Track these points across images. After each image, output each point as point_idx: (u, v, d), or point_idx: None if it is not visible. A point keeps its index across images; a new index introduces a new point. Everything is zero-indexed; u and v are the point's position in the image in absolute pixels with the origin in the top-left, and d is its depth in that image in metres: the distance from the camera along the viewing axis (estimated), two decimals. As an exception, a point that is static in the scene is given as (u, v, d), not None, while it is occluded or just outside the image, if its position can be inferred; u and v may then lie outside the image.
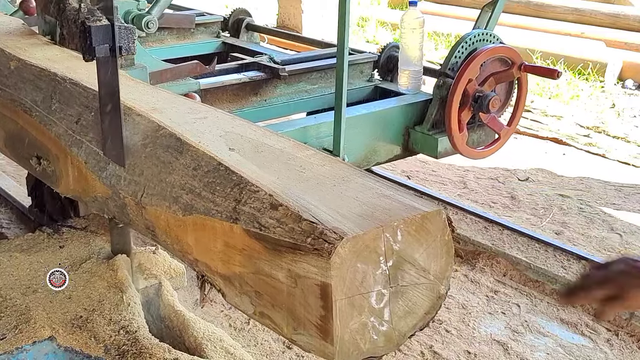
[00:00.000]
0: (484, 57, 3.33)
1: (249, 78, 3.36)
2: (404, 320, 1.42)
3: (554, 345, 2.88)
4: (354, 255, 1.30)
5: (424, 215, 1.39)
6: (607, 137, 5.22)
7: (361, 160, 3.33)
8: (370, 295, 1.35)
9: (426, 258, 1.41)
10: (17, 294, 1.93)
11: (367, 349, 1.38)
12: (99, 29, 1.73)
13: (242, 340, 2.78)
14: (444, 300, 1.48)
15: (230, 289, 1.51)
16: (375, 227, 1.32)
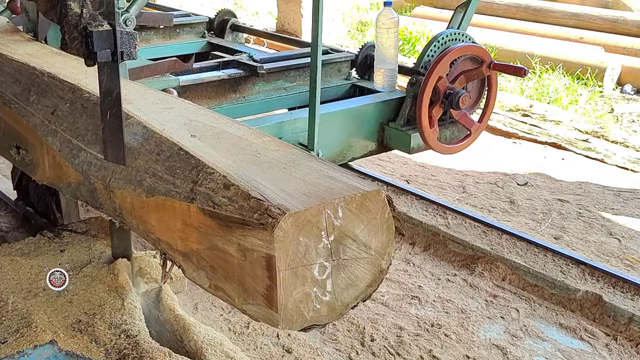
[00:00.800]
0: (454, 55, 3.43)
1: (228, 75, 3.49)
2: (346, 292, 1.53)
3: (552, 349, 2.89)
4: (296, 229, 1.40)
5: (364, 194, 1.49)
6: (605, 142, 5.23)
7: (336, 156, 3.44)
8: (312, 267, 1.46)
9: (367, 234, 1.52)
10: (19, 298, 1.94)
11: (311, 317, 1.49)
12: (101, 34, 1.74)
13: (241, 345, 2.78)
14: (385, 274, 1.59)
15: (188, 264, 1.62)
16: (317, 204, 1.43)
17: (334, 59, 3.86)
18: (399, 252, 3.59)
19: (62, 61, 2.28)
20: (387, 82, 3.68)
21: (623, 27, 7.38)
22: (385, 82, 3.68)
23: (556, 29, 7.71)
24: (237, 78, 3.53)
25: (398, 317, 3.06)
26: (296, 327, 1.49)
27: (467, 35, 3.60)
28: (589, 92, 6.36)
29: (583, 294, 3.15)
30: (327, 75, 3.77)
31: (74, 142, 1.89)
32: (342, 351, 2.83)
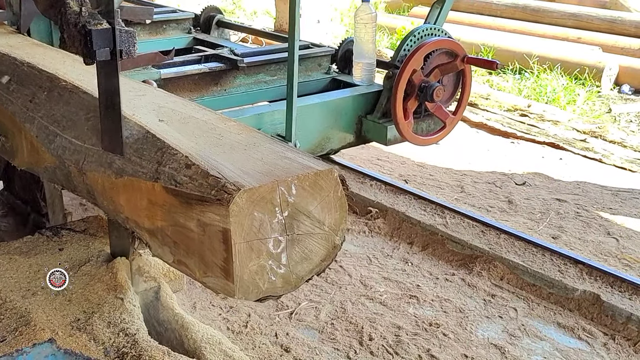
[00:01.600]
0: (428, 49, 3.51)
1: (209, 69, 3.59)
2: (300, 265, 1.62)
3: (550, 349, 2.89)
4: (250, 204, 1.49)
5: (317, 172, 1.59)
6: (603, 142, 5.24)
7: (315, 147, 3.54)
8: (267, 241, 1.55)
9: (320, 211, 1.62)
10: (17, 297, 1.93)
11: (266, 288, 1.58)
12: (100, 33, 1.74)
13: (240, 344, 2.78)
14: (339, 250, 1.68)
15: (154, 241, 1.72)
16: (271, 182, 1.53)
17: (314, 53, 3.96)
18: (397, 252, 3.59)
19: (42, 52, 2.42)
20: (365, 76, 3.78)
21: (621, 27, 7.39)
22: (363, 76, 3.78)
23: (554, 29, 7.73)
24: (219, 71, 3.62)
25: (396, 316, 3.06)
26: (252, 298, 1.57)
27: (442, 30, 3.71)
28: (587, 92, 6.37)
29: (581, 293, 3.15)
30: (307, 70, 3.89)
31: (50, 128, 1.98)
32: (341, 350, 2.83)
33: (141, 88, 2.14)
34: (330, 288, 3.25)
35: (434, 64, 3.59)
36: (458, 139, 5.38)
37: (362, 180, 4.22)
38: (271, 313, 3.04)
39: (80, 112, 1.95)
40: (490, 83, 6.77)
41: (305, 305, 3.11)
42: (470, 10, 8.71)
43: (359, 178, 4.24)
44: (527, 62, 6.95)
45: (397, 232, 3.77)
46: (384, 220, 3.85)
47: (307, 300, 3.15)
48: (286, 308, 3.08)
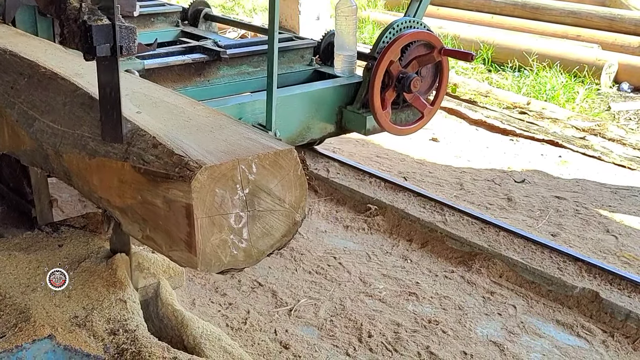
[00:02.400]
0: (405, 41, 3.62)
1: (192, 60, 3.68)
2: (262, 240, 1.71)
3: (549, 346, 2.89)
4: (212, 181, 1.58)
5: (276, 152, 1.68)
6: (603, 140, 5.24)
7: (296, 136, 3.65)
8: (229, 216, 1.63)
9: (281, 189, 1.70)
10: (17, 293, 1.93)
11: (228, 261, 1.66)
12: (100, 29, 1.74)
13: (239, 340, 2.78)
14: (299, 226, 1.77)
15: (125, 218, 1.81)
16: (232, 160, 1.62)
17: (296, 45, 4.08)
18: (397, 249, 3.59)
19: (25, 41, 2.51)
20: (346, 68, 3.89)
21: (620, 25, 7.39)
22: (344, 68, 3.90)
23: (554, 26, 7.73)
24: (202, 62, 3.71)
25: (395, 313, 3.06)
26: (214, 270, 1.65)
27: (422, 23, 3.80)
28: (586, 89, 6.36)
29: (580, 291, 3.15)
30: (290, 62, 4.03)
31: (29, 112, 2.07)
32: (340, 347, 2.83)
33: None
34: (330, 285, 3.25)
35: (412, 56, 3.69)
36: (457, 137, 5.39)
37: (362, 177, 4.22)
38: (270, 310, 3.04)
39: (58, 97, 2.04)
40: (490, 81, 6.77)
41: (305, 302, 3.11)
42: (470, 8, 8.70)
43: (358, 175, 4.24)
44: (526, 60, 6.94)
45: (397, 229, 3.77)
46: (383, 218, 3.84)
47: (306, 297, 3.15)
48: (285, 305, 3.08)
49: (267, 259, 3.43)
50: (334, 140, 5.08)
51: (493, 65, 7.24)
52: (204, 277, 3.24)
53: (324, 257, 3.48)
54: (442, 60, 3.77)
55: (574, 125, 5.48)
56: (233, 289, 3.18)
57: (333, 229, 3.79)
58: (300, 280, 3.28)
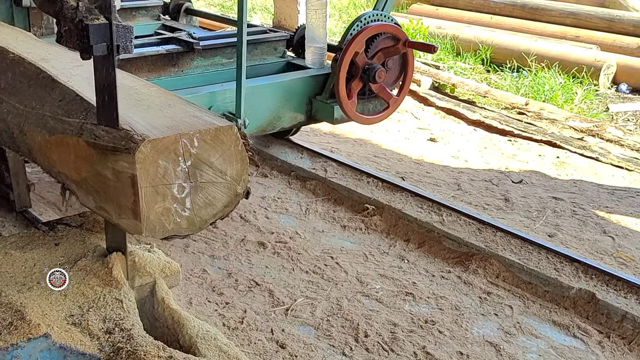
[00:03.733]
0: (369, 32, 3.75)
1: (166, 50, 3.80)
2: (204, 210, 1.84)
3: (546, 346, 2.89)
4: (155, 153, 1.72)
5: (217, 128, 1.82)
6: (601, 141, 5.24)
7: (266, 125, 3.81)
8: (172, 186, 1.77)
9: (222, 162, 1.83)
10: (12, 291, 1.93)
11: (172, 228, 1.81)
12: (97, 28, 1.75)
13: (235, 340, 2.78)
14: (241, 198, 1.90)
15: (80, 191, 1.97)
16: (174, 134, 1.76)
17: (269, 38, 4.21)
18: (394, 249, 3.59)
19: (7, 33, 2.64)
20: (316, 59, 4.04)
21: (619, 26, 7.39)
22: (314, 59, 4.04)
23: (553, 27, 7.72)
24: (176, 53, 3.83)
25: (392, 313, 3.06)
26: (158, 236, 1.79)
27: (389, 16, 3.92)
28: (584, 90, 6.36)
29: (576, 291, 3.15)
30: (263, 54, 4.17)
31: None
32: (336, 347, 2.83)
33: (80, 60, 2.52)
34: (327, 285, 3.25)
35: (378, 48, 3.82)
36: (455, 137, 5.39)
37: (359, 177, 4.22)
38: (267, 309, 3.04)
39: (23, 80, 2.18)
40: (489, 81, 6.77)
41: (301, 302, 3.11)
42: (469, 8, 8.70)
43: (355, 175, 4.24)
44: (525, 60, 6.94)
45: (394, 230, 3.77)
46: (381, 218, 3.85)
47: (303, 296, 3.15)
48: (282, 304, 3.08)
49: (264, 259, 3.45)
50: (332, 140, 5.09)
51: (492, 65, 7.24)
52: (200, 276, 3.25)
53: (321, 257, 3.48)
54: (407, 52, 3.92)
55: (572, 126, 5.48)
56: (230, 288, 3.18)
57: (330, 228, 3.79)
58: (297, 279, 3.28)
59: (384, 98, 3.91)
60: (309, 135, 4.89)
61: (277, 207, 3.99)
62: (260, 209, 3.95)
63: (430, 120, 5.78)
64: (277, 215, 3.90)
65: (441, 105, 6.05)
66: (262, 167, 4.49)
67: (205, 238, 3.58)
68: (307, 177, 4.29)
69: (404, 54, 3.93)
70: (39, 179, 3.86)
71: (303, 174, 4.33)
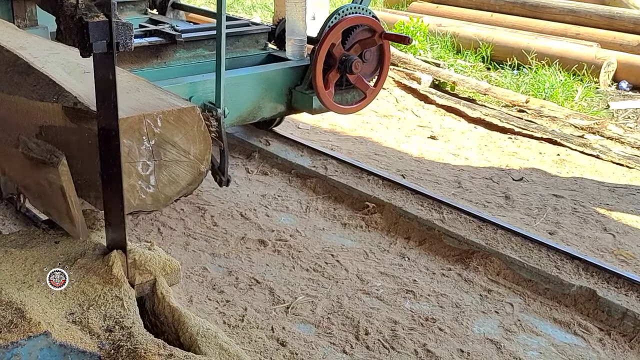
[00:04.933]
0: (345, 24, 3.84)
1: (149, 42, 3.87)
2: (168, 187, 1.94)
3: (546, 344, 2.89)
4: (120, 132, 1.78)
5: (180, 109, 1.90)
6: (601, 138, 5.23)
7: (247, 115, 3.90)
8: (136, 164, 1.85)
9: (186, 142, 1.92)
10: (12, 289, 1.93)
11: (137, 204, 1.90)
12: (97, 25, 1.75)
13: (236, 338, 2.78)
14: (204, 176, 1.99)
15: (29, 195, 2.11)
16: (138, 115, 1.85)
17: (251, 30, 4.28)
18: (394, 247, 3.59)
19: None
20: (297, 52, 4.14)
21: (620, 23, 7.38)
22: (294, 52, 4.14)
23: (553, 25, 7.71)
24: (159, 45, 3.90)
25: (393, 311, 3.06)
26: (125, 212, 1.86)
27: (366, 9, 4.02)
28: (585, 88, 6.36)
29: (577, 289, 3.15)
30: (245, 46, 4.26)
31: None
32: (337, 345, 2.83)
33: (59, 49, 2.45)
34: (327, 282, 3.25)
35: (355, 40, 3.91)
36: (456, 135, 5.38)
37: (360, 175, 4.22)
38: (267, 307, 3.04)
39: (1, 66, 2.24)
40: (489, 79, 6.77)
41: (302, 300, 3.11)
42: (469, 6, 8.69)
43: (356, 173, 4.24)
44: (525, 58, 6.94)
45: (394, 227, 3.76)
46: (381, 215, 3.84)
47: (303, 294, 3.15)
48: (282, 302, 3.08)
49: (264, 257, 3.45)
50: (332, 138, 5.09)
51: (492, 63, 7.24)
52: (201, 274, 3.25)
53: (321, 255, 3.48)
54: (383, 44, 4.00)
55: (573, 123, 5.47)
56: (230, 286, 3.18)
57: (331, 226, 3.79)
58: (298, 277, 3.28)
59: (361, 89, 4.01)
60: (309, 133, 4.88)
61: (278, 205, 3.99)
62: (260, 207, 3.95)
63: (431, 118, 5.77)
64: (277, 213, 3.90)
65: (441, 103, 6.04)
66: (263, 165, 4.49)
67: (206, 236, 3.58)
68: (308, 175, 4.29)
69: (380, 46, 4.01)
70: None
71: (303, 172, 4.32)
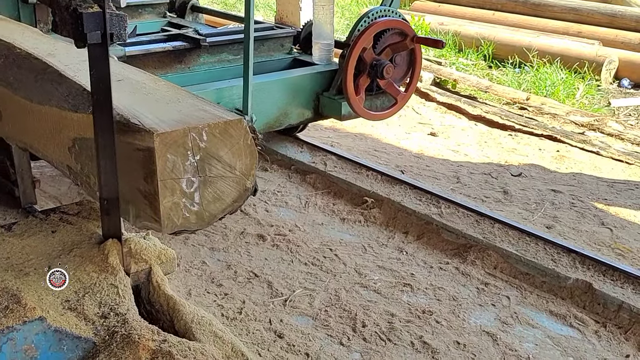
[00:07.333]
0: (377, 28, 3.75)
1: (173, 47, 3.78)
2: (213, 204, 1.83)
3: (542, 336, 2.91)
4: (164, 147, 1.69)
5: (226, 121, 1.78)
6: (601, 135, 5.24)
7: (274, 121, 3.79)
8: (180, 181, 1.74)
9: (231, 156, 1.81)
10: (9, 277, 1.96)
11: (181, 223, 1.79)
12: (91, 16, 1.78)
13: (233, 330, 2.80)
14: (250, 192, 1.91)
15: None
16: (183, 128, 1.73)
17: (276, 34, 4.20)
18: (392, 241, 3.61)
19: (3, 25, 2.65)
20: (324, 56, 4.03)
21: (621, 21, 7.39)
22: (322, 56, 4.02)
23: (555, 23, 7.73)
24: (182, 50, 3.81)
25: (390, 304, 3.08)
26: (167, 231, 1.77)
27: (396, 12, 3.92)
28: (586, 86, 6.37)
29: (573, 282, 3.16)
30: (270, 50, 4.17)
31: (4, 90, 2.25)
32: (334, 337, 2.85)
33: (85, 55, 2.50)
34: (325, 276, 3.27)
35: (386, 44, 3.80)
36: (456, 132, 5.40)
37: (359, 170, 4.24)
38: (265, 300, 3.06)
39: (30, 74, 2.18)
40: (490, 77, 6.78)
41: (300, 293, 3.13)
42: (471, 4, 8.70)
43: (355, 168, 4.26)
44: (527, 56, 6.95)
45: (393, 222, 3.78)
46: (380, 210, 3.86)
47: (301, 288, 3.17)
48: (280, 295, 3.10)
49: (263, 251, 3.47)
50: (332, 135, 5.11)
51: (494, 61, 7.25)
52: (200, 268, 3.27)
53: (320, 249, 3.50)
54: (415, 48, 3.90)
55: (573, 120, 5.48)
56: (229, 279, 3.20)
57: (330, 221, 3.81)
58: (296, 271, 3.30)
59: (392, 94, 3.90)
60: (309, 129, 4.90)
61: (277, 201, 4.01)
62: (260, 202, 3.97)
63: (432, 115, 5.79)
64: (276, 208, 3.92)
65: (442, 101, 6.06)
66: (262, 160, 4.49)
67: (205, 231, 3.60)
68: (307, 171, 4.31)
69: (412, 50, 3.90)
70: (41, 174, 3.90)
71: (303, 168, 4.35)
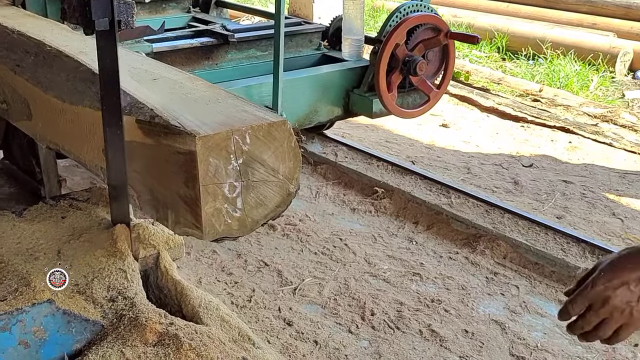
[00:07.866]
0: (410, 24, 3.65)
1: (200, 43, 3.73)
2: (256, 210, 1.73)
3: (551, 325, 2.91)
4: (206, 150, 1.60)
5: (270, 123, 1.69)
6: (615, 127, 5.21)
7: (303, 119, 3.70)
8: (223, 185, 1.65)
9: (275, 160, 1.72)
10: (19, 261, 1.99)
11: (223, 230, 1.69)
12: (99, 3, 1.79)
13: (243, 317, 2.83)
14: (293, 197, 1.79)
15: None
16: (226, 130, 1.63)
17: (304, 30, 4.10)
18: (402, 231, 3.62)
19: (32, 22, 2.57)
20: (354, 52, 3.92)
21: (636, 13, 7.33)
22: (352, 52, 3.92)
23: (569, 14, 7.68)
24: (210, 46, 3.75)
25: (399, 292, 3.09)
26: (209, 238, 1.69)
27: (428, 6, 3.79)
28: (600, 77, 6.33)
29: (583, 271, 3.16)
30: (298, 46, 4.07)
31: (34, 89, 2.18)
32: (343, 325, 2.86)
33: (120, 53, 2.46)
34: (335, 265, 3.28)
35: (418, 39, 3.71)
36: (468, 123, 5.39)
37: (369, 161, 4.25)
38: (275, 288, 3.08)
39: (62, 73, 2.10)
40: (504, 69, 6.75)
41: (309, 282, 3.15)
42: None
43: (366, 159, 4.27)
44: (540, 48, 6.92)
45: (403, 212, 3.79)
46: (390, 200, 3.87)
47: (311, 276, 3.19)
48: (290, 284, 3.12)
49: (273, 240, 3.49)
50: (344, 126, 5.11)
51: (507, 53, 7.22)
52: (210, 257, 3.30)
53: (330, 239, 3.52)
54: (448, 44, 3.78)
55: (586, 112, 5.46)
56: (239, 268, 3.23)
57: (340, 211, 3.83)
58: (306, 260, 3.32)
59: (425, 91, 3.79)
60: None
61: (288, 191, 4.02)
62: (270, 192, 3.98)
63: (444, 107, 5.77)
64: (287, 198, 3.93)
65: (455, 93, 6.04)
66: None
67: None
68: (318, 162, 4.32)
69: (445, 46, 3.80)
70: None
71: (314, 158, 4.36)
